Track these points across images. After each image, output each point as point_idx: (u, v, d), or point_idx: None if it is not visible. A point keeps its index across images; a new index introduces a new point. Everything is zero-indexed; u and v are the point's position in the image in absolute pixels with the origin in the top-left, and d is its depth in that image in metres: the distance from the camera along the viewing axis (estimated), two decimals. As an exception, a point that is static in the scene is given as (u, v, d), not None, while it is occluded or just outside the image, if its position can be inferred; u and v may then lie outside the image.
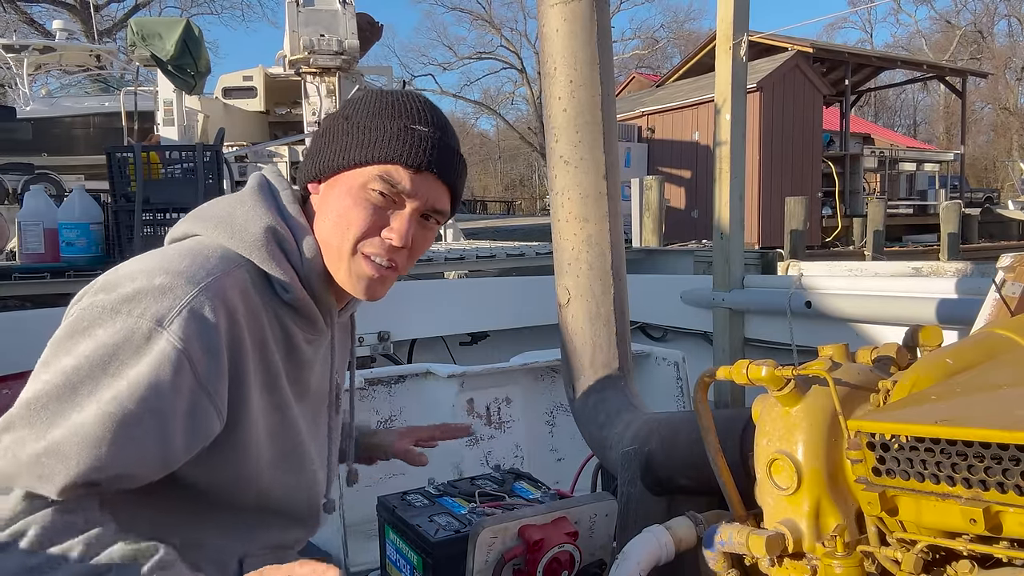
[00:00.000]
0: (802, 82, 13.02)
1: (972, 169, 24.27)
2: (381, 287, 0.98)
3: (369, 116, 0.95)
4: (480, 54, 35.04)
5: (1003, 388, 0.84)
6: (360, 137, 0.94)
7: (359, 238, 0.94)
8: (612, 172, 1.72)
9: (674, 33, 35.97)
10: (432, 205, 0.97)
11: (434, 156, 0.95)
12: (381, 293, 0.99)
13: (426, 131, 0.95)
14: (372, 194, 0.94)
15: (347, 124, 0.96)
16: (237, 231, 0.91)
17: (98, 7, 21.19)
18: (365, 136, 0.94)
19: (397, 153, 0.93)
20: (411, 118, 0.95)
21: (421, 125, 0.95)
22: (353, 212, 0.93)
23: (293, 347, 0.96)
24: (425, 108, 0.98)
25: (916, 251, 12.83)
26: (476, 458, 2.22)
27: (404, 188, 0.94)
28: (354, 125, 0.95)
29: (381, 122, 0.94)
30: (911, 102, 37.72)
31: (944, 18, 34.92)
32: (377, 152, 0.93)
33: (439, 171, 0.96)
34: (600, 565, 1.47)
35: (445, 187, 0.98)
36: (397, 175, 0.93)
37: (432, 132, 0.96)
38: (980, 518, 0.74)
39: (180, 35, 7.06)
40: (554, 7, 1.69)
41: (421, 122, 0.95)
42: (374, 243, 0.95)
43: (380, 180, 0.93)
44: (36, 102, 11.65)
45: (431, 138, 0.95)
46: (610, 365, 1.71)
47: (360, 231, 0.94)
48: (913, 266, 2.82)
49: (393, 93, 0.99)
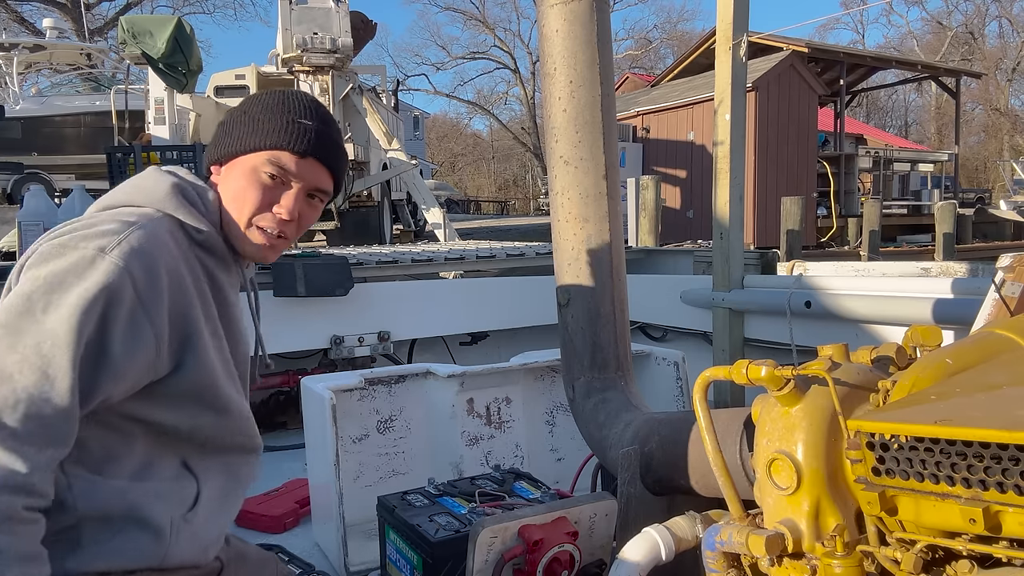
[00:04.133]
0: (797, 82, 13.05)
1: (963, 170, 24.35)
2: (272, 252, 1.17)
3: (263, 110, 1.14)
4: (473, 54, 35.00)
5: (1003, 388, 0.85)
6: (255, 127, 1.12)
7: (254, 213, 1.12)
8: (612, 172, 1.72)
9: (667, 34, 36.02)
10: (316, 185, 1.16)
11: (316, 144, 1.14)
12: (272, 257, 1.19)
13: (310, 124, 1.14)
14: (263, 175, 1.12)
15: (245, 116, 1.14)
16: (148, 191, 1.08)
17: (89, 6, 21.04)
18: (259, 127, 1.12)
19: (285, 141, 1.12)
20: (298, 113, 1.14)
21: (306, 119, 1.14)
22: (248, 191, 1.12)
23: (219, 286, 1.12)
24: (311, 105, 1.17)
25: (911, 251, 12.89)
26: (476, 458, 2.22)
27: (290, 170, 1.12)
28: (250, 117, 1.14)
29: (273, 115, 1.13)
30: (903, 103, 37.87)
31: (935, 19, 35.10)
32: (268, 140, 1.12)
33: (320, 157, 1.15)
34: (600, 565, 1.47)
35: (326, 170, 1.17)
36: (284, 159, 1.12)
37: (315, 125, 1.14)
38: (980, 518, 0.74)
39: (171, 33, 7.03)
40: (554, 7, 1.69)
41: (306, 116, 1.14)
42: (266, 217, 1.13)
43: (270, 163, 1.11)
44: (26, 101, 11.57)
45: (314, 130, 1.14)
46: (610, 365, 1.71)
47: (254, 206, 1.12)
48: (922, 266, 2.83)
49: (285, 92, 1.17)
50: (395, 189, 9.97)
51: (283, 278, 3.29)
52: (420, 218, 10.44)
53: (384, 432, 2.19)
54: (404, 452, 2.22)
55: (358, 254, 4.09)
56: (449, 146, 39.17)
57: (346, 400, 2.11)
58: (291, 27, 8.13)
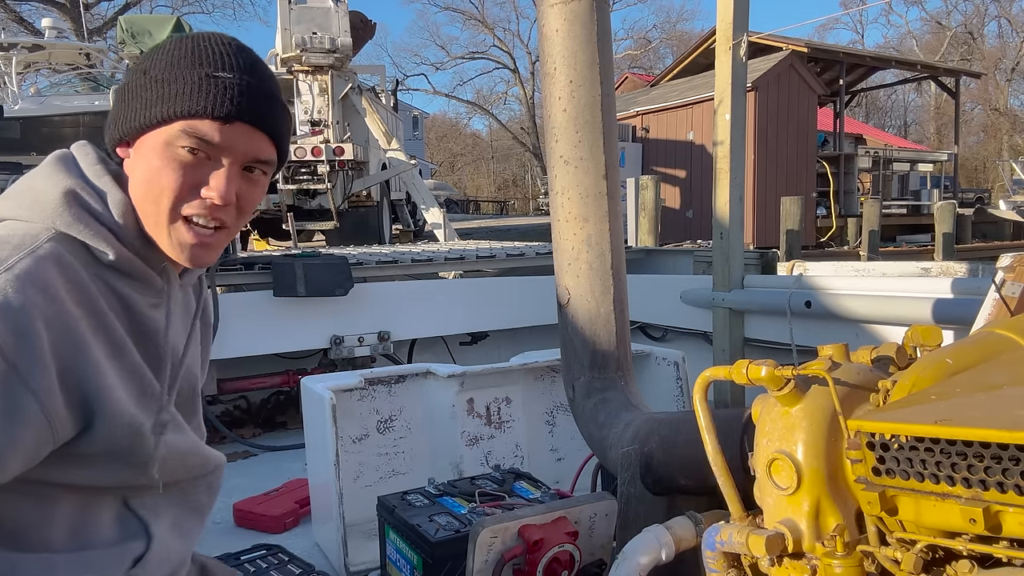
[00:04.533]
0: (797, 82, 13.06)
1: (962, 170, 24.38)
2: (207, 252, 0.91)
3: (167, 67, 0.88)
4: (473, 54, 35.01)
5: (1003, 388, 0.85)
6: (159, 91, 0.87)
7: (175, 202, 0.87)
8: (612, 172, 1.72)
9: (667, 34, 36.03)
10: (253, 156, 0.90)
11: (243, 104, 0.87)
12: (209, 259, 0.92)
13: (230, 77, 0.87)
14: (180, 152, 0.86)
15: (145, 78, 0.88)
16: (37, 202, 0.85)
17: (88, 5, 21.03)
18: (164, 89, 0.86)
19: (200, 105, 0.85)
20: (213, 65, 0.87)
21: (225, 71, 0.87)
22: (163, 175, 0.86)
23: (135, 314, 0.90)
24: (229, 52, 0.89)
25: (911, 251, 12.89)
26: (476, 458, 2.22)
27: (214, 141, 0.86)
28: (152, 79, 0.88)
29: (180, 72, 0.87)
30: (902, 103, 37.90)
31: (935, 19, 35.12)
32: (179, 105, 0.85)
33: (252, 119, 0.88)
34: (600, 565, 1.47)
35: (263, 135, 0.90)
36: (204, 128, 0.86)
37: (238, 78, 0.88)
38: (980, 518, 0.74)
39: (170, 32, 7.03)
40: (554, 7, 1.69)
41: (225, 68, 0.87)
42: (194, 205, 0.88)
43: (186, 135, 0.86)
44: (25, 101, 11.55)
45: (237, 85, 0.87)
46: (610, 365, 1.71)
47: (174, 195, 0.87)
48: (922, 266, 2.84)
49: (193, 38, 0.91)
50: (394, 189, 9.97)
51: (283, 278, 3.29)
52: (419, 218, 10.45)
53: (384, 432, 2.20)
54: (404, 452, 2.22)
55: (358, 254, 4.09)
56: (448, 146, 39.18)
57: (346, 400, 2.11)
58: (290, 27, 8.13)
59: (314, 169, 8.24)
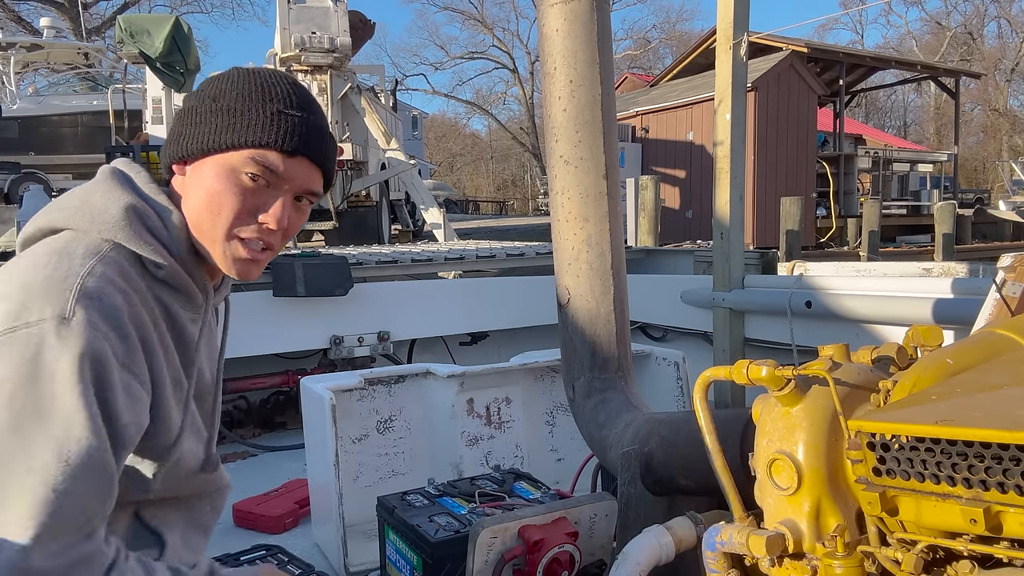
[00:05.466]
0: (797, 82, 13.07)
1: (962, 170, 24.40)
2: (255, 268, 0.99)
3: (239, 99, 0.95)
4: (472, 54, 35.02)
5: (1003, 388, 0.84)
6: (230, 120, 0.94)
7: (232, 223, 0.95)
8: (612, 172, 1.72)
9: (666, 33, 36.04)
10: (307, 188, 0.99)
11: (306, 140, 0.96)
12: (255, 275, 1.01)
13: (298, 115, 0.96)
14: (244, 178, 0.94)
15: (215, 105, 0.96)
16: (96, 215, 0.90)
17: (86, 5, 21.03)
18: (236, 119, 0.94)
19: (271, 138, 0.94)
20: (283, 102, 0.96)
21: (293, 109, 0.96)
22: (225, 196, 0.94)
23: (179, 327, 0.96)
24: (295, 91, 0.98)
25: (911, 252, 12.89)
26: (476, 458, 2.22)
27: (278, 171, 0.95)
28: (223, 108, 0.95)
29: (253, 105, 0.95)
30: (901, 103, 37.91)
31: (934, 19, 35.14)
32: (250, 136, 0.93)
33: (312, 155, 0.97)
34: (600, 565, 1.47)
35: (318, 169, 1.00)
36: (271, 159, 0.94)
37: (304, 116, 0.97)
38: (980, 518, 0.74)
39: (169, 32, 7.02)
40: (554, 7, 1.69)
41: (293, 106, 0.96)
42: (249, 229, 0.96)
43: (253, 163, 0.94)
44: (23, 100, 11.55)
45: (303, 122, 0.96)
46: (610, 365, 1.71)
47: (233, 215, 0.94)
48: (924, 267, 2.84)
49: (261, 74, 0.98)
50: (393, 189, 9.97)
51: (283, 278, 3.29)
52: (419, 218, 10.45)
53: (384, 432, 2.19)
54: (404, 452, 2.22)
55: (358, 254, 4.09)
56: (448, 146, 39.18)
57: (346, 400, 2.11)
58: (289, 26, 8.13)
59: (314, 169, 8.21)
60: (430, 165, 25.69)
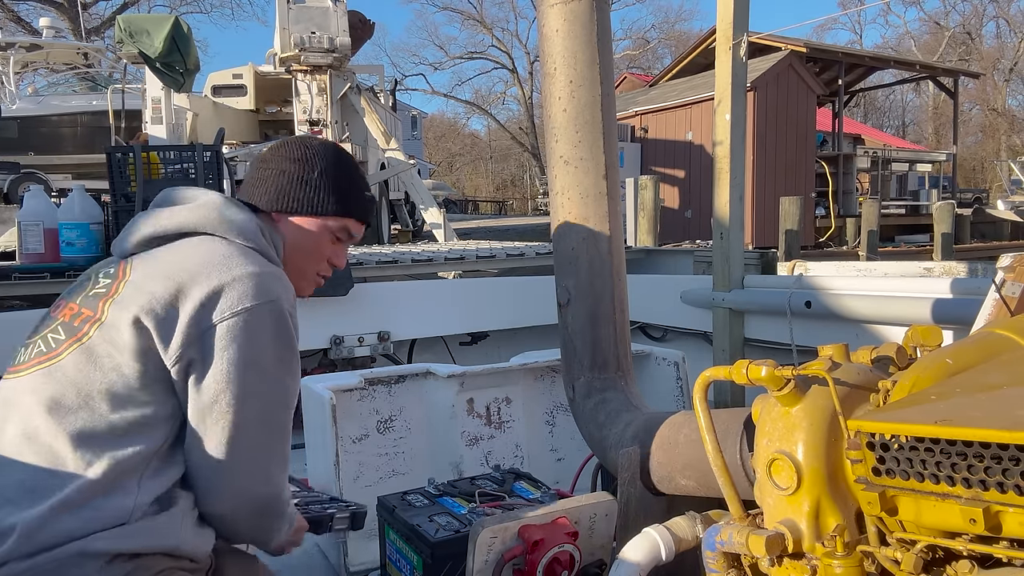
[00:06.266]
0: (796, 82, 13.07)
1: (960, 170, 24.41)
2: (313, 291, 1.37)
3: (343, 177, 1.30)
4: (471, 54, 34.98)
5: (1003, 388, 0.85)
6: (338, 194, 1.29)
7: (320, 268, 1.33)
8: (612, 172, 1.72)
9: (665, 33, 36.03)
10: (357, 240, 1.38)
11: (373, 213, 1.36)
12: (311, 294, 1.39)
13: (369, 195, 1.35)
14: (334, 238, 1.31)
15: (323, 179, 1.28)
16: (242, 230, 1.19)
17: (86, 5, 20.99)
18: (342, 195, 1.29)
19: (361, 214, 1.33)
20: (365, 184, 1.34)
21: (368, 191, 1.35)
22: (321, 249, 1.31)
23: None
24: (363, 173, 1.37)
25: (910, 251, 12.90)
26: (476, 458, 2.22)
27: (355, 236, 1.34)
28: (331, 179, 1.28)
29: (352, 184, 1.31)
30: (900, 103, 37.92)
31: (933, 19, 35.16)
32: (351, 209, 1.31)
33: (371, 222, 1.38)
34: (600, 565, 1.47)
35: None
36: (356, 228, 1.34)
37: (371, 196, 1.35)
38: (980, 518, 0.75)
39: (168, 32, 6.99)
40: (554, 7, 1.69)
41: (367, 188, 1.35)
42: (323, 267, 1.34)
43: (345, 231, 1.32)
44: (23, 100, 11.52)
45: (372, 201, 1.36)
46: (610, 365, 1.71)
47: (322, 261, 1.33)
48: (925, 266, 2.84)
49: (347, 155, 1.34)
50: (393, 189, 9.96)
51: (282, 278, 3.28)
52: (418, 218, 10.44)
53: (384, 432, 2.19)
54: (404, 452, 2.22)
55: (358, 254, 4.09)
56: (447, 146, 39.16)
57: (346, 400, 2.11)
58: (289, 26, 8.13)
59: (313, 169, 8.20)
60: (429, 165, 25.67)
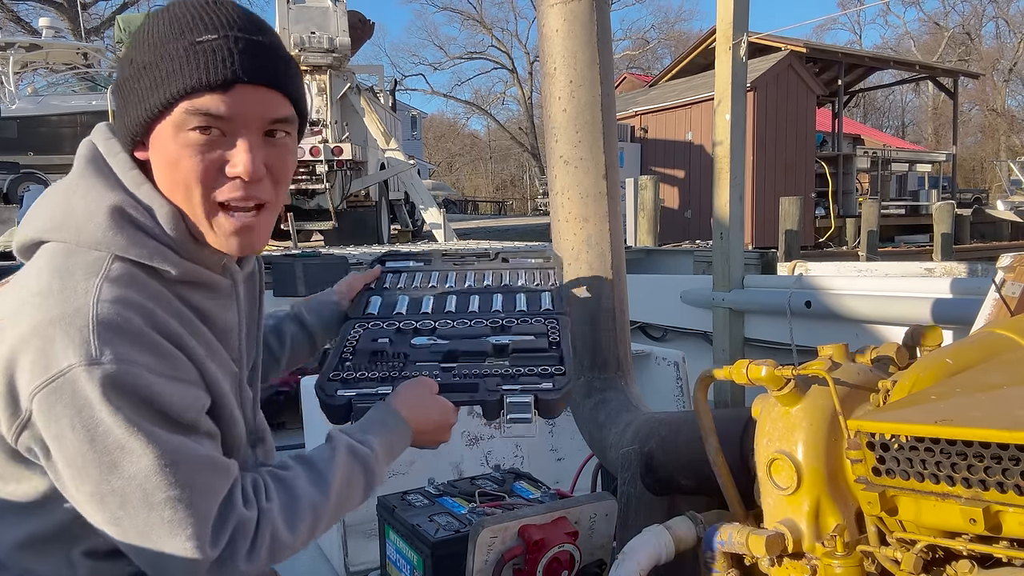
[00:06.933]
0: (795, 82, 13.08)
1: (960, 170, 24.43)
2: (255, 236, 0.86)
3: (151, 48, 0.80)
4: (471, 54, 35.01)
5: (1003, 388, 0.85)
6: (150, 77, 0.80)
7: (204, 190, 0.82)
8: (612, 172, 1.72)
9: (665, 34, 36.07)
10: (268, 117, 0.82)
11: (237, 63, 0.78)
12: (259, 243, 0.88)
13: (215, 38, 0.78)
14: (191, 135, 0.80)
15: (132, 68, 0.82)
16: (83, 228, 0.80)
17: (85, 5, 20.99)
18: (154, 73, 0.79)
19: (193, 79, 0.78)
20: (194, 30, 0.79)
21: (208, 33, 0.78)
22: (182, 164, 0.80)
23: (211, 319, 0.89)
24: (208, 11, 0.80)
25: (910, 252, 12.91)
26: (476, 458, 2.22)
27: (221, 113, 0.79)
28: (140, 67, 0.81)
29: (165, 49, 0.79)
30: (899, 103, 37.96)
31: (932, 20, 35.21)
32: (172, 86, 0.78)
33: (252, 78, 0.79)
34: (600, 565, 1.47)
35: (271, 91, 0.82)
36: (205, 103, 0.78)
37: (224, 36, 0.79)
38: (980, 518, 0.75)
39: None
40: (554, 7, 1.69)
41: (208, 29, 0.79)
42: (226, 189, 0.82)
43: (190, 115, 0.79)
44: (22, 100, 11.53)
45: (225, 45, 0.78)
46: (610, 365, 1.71)
47: (200, 182, 0.81)
48: (926, 267, 2.84)
49: (168, 9, 0.82)
50: (393, 189, 9.97)
51: (283, 278, 3.29)
52: (418, 218, 10.45)
53: (383, 432, 2.19)
54: (404, 452, 2.22)
55: (358, 254, 4.09)
56: (447, 146, 39.18)
57: (345, 400, 2.11)
58: (288, 26, 8.14)
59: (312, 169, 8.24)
60: (429, 165, 25.70)
